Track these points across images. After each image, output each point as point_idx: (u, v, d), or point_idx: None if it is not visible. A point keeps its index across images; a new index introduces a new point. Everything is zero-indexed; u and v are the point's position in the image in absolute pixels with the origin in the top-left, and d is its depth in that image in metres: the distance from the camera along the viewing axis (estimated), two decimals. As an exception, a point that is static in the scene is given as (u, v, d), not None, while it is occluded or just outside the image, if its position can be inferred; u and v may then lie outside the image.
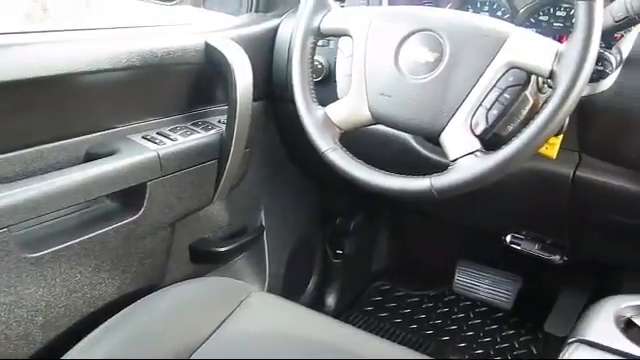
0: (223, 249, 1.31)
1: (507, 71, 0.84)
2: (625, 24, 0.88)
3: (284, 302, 1.02)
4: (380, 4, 1.17)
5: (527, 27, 1.15)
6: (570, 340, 0.62)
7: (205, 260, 1.30)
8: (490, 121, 0.86)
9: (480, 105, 0.85)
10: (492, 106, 0.85)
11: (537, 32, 1.08)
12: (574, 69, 0.77)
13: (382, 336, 1.07)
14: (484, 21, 0.90)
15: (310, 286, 1.66)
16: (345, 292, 1.73)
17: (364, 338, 0.93)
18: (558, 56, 0.80)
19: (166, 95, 1.15)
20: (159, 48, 1.07)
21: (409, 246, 1.83)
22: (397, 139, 1.15)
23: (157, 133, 1.11)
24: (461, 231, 1.63)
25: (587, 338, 0.62)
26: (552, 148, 0.99)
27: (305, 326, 0.95)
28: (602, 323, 0.64)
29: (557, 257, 1.21)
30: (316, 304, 1.67)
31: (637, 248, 1.10)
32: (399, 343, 0.93)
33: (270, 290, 1.44)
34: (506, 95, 0.85)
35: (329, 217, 1.65)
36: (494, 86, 0.85)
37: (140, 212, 1.05)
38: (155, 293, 0.98)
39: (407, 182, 0.88)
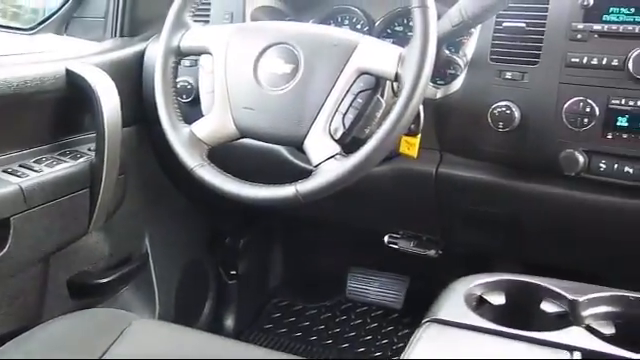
0: (105, 280, 1.27)
1: (358, 77, 0.89)
2: (462, 28, 0.95)
3: (170, 327, 1.00)
4: (243, 21, 1.20)
5: (384, 38, 1.22)
6: (424, 320, 0.66)
7: (86, 294, 1.25)
8: (347, 125, 0.90)
9: (336, 111, 0.89)
10: (347, 111, 0.89)
11: (394, 42, 1.16)
12: (415, 70, 0.83)
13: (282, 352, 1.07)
14: (334, 32, 0.95)
15: (206, 310, 1.64)
16: (243, 312, 1.72)
17: (256, 352, 0.93)
18: (401, 60, 0.85)
19: (27, 126, 1.11)
20: (14, 78, 1.03)
21: (303, 259, 1.85)
22: (270, 150, 1.17)
23: (20, 165, 1.07)
24: (350, 239, 1.68)
25: (438, 317, 0.66)
26: (412, 148, 1.04)
27: (194, 348, 0.94)
28: (453, 302, 0.69)
29: (433, 252, 1.28)
30: (214, 327, 1.64)
31: (500, 234, 1.18)
32: (300, 356, 0.93)
33: (162, 318, 1.40)
34: (359, 100, 0.90)
35: (219, 238, 1.64)
36: (347, 92, 0.89)
37: (5, 249, 1.00)
38: (24, 334, 0.93)
39: (274, 191, 0.90)
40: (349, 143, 0.92)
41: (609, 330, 0.69)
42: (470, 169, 1.10)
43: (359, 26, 1.25)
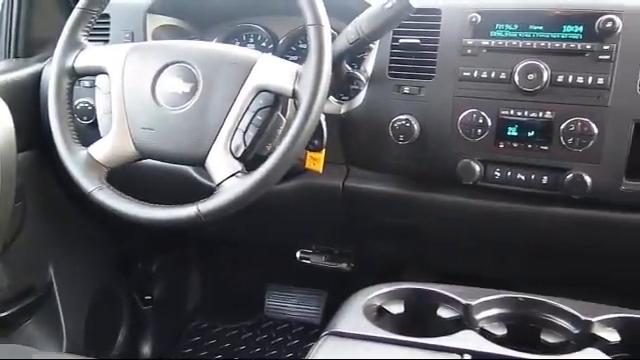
0: (4, 314, 1.20)
1: (257, 94, 0.89)
2: (359, 45, 0.97)
3: (74, 358, 0.96)
4: (145, 41, 1.18)
5: (289, 55, 1.23)
6: (322, 334, 0.67)
7: (-16, 329, 1.18)
8: (248, 143, 0.90)
9: (237, 129, 0.89)
10: (248, 128, 0.90)
11: (298, 59, 1.17)
12: (312, 87, 0.84)
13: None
14: (233, 50, 0.95)
15: (120, 338, 1.58)
16: (161, 338, 1.67)
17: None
18: (298, 76, 0.86)
19: None
20: None
21: (221, 279, 1.82)
22: (176, 170, 1.15)
23: None
24: (267, 256, 1.67)
25: (336, 330, 0.66)
26: (317, 163, 1.06)
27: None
28: (351, 314, 0.70)
29: (344, 265, 1.29)
30: (130, 355, 1.58)
31: (409, 244, 1.21)
32: None
33: (69, 351, 1.33)
34: (259, 117, 0.90)
35: (130, 263, 1.59)
36: (247, 109, 0.89)
37: None
38: None
39: (174, 211, 0.88)
40: (252, 160, 0.92)
41: (501, 331, 0.72)
42: (375, 182, 1.12)
43: (264, 44, 1.26)
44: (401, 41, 1.05)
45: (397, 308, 0.75)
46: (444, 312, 0.73)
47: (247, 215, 1.02)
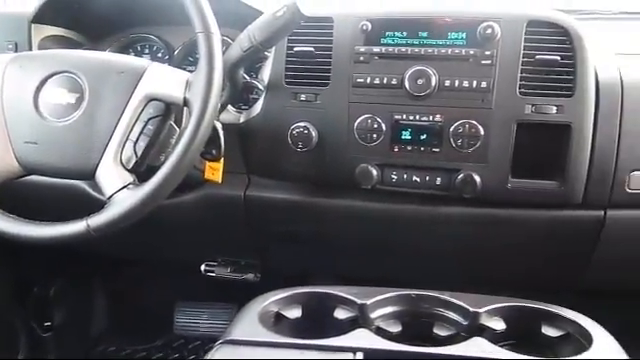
0: None
1: (147, 103, 0.87)
2: (253, 53, 0.97)
3: None
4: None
5: (186, 65, 1.21)
6: (217, 342, 0.65)
7: None
8: (139, 153, 0.87)
9: (127, 139, 0.86)
10: (138, 139, 0.87)
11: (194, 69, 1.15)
12: (203, 95, 0.83)
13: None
14: (120, 59, 0.92)
15: (18, 369, 1.48)
16: (64, 366, 1.58)
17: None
18: (189, 85, 0.85)
19: None
20: None
21: (127, 300, 1.75)
22: (68, 185, 1.10)
23: None
24: (174, 272, 1.62)
25: (231, 338, 0.65)
26: (217, 173, 1.04)
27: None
28: (247, 322, 0.69)
29: (251, 275, 1.28)
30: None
31: (314, 251, 1.21)
32: None
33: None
34: (150, 127, 0.88)
35: (25, 288, 1.50)
36: (137, 119, 0.87)
37: None
38: None
39: (62, 228, 0.84)
40: (145, 172, 0.89)
41: (396, 328, 0.73)
42: (276, 190, 1.12)
43: (160, 54, 1.24)
44: (296, 49, 1.06)
45: (294, 313, 0.75)
46: (341, 313, 0.74)
47: (148, 230, 0.99)
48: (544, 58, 0.97)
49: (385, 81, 1.02)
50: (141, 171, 0.89)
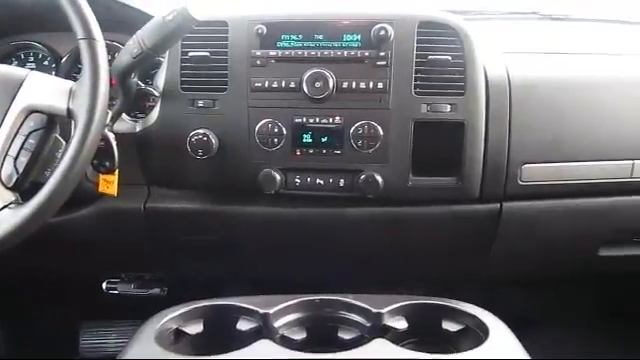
0: None
1: (27, 116, 0.81)
2: (143, 59, 0.93)
3: None
4: None
5: (74, 74, 1.14)
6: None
7: None
8: (21, 170, 0.82)
9: (6, 155, 0.80)
10: (19, 154, 0.81)
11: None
12: (88, 104, 0.78)
13: None
14: (-5, 69, 0.86)
15: None
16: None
17: None
18: (72, 94, 0.80)
19: None
20: None
21: (25, 324, 1.63)
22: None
23: None
24: (76, 291, 1.53)
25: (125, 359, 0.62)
26: (112, 186, 0.99)
27: None
28: (142, 342, 0.65)
29: (157, 290, 1.23)
30: None
31: (224, 259, 1.18)
32: None
33: None
34: (31, 141, 0.82)
35: None
36: (17, 133, 0.81)
37: None
38: None
39: None
40: (29, 189, 0.83)
41: (300, 336, 0.72)
42: (179, 200, 1.09)
43: (45, 63, 1.16)
44: (190, 54, 1.03)
45: (195, 328, 0.72)
46: (243, 324, 0.72)
47: (42, 248, 0.93)
48: (436, 58, 0.99)
49: (283, 85, 1.01)
50: (25, 189, 0.83)
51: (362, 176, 1.01)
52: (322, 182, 1.04)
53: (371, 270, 1.20)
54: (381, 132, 1.00)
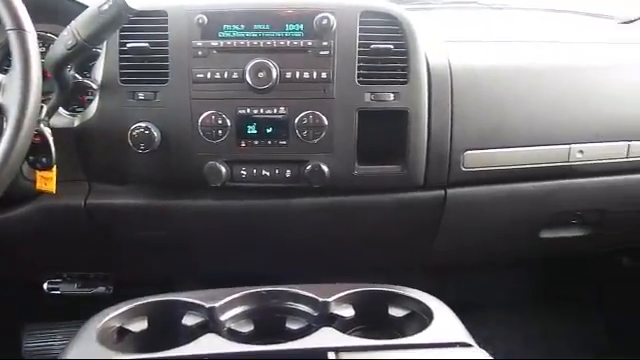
0: None
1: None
2: (78, 51, 0.90)
3: None
4: None
5: (5, 69, 1.09)
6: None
7: None
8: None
9: None
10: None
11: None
12: (19, 98, 0.75)
13: None
14: None
15: None
16: None
17: None
18: (2, 88, 0.77)
19: None
20: None
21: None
22: None
23: None
24: (17, 293, 1.48)
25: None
26: (50, 183, 0.96)
27: None
28: (83, 342, 0.64)
29: (103, 289, 1.20)
30: None
31: (172, 256, 1.16)
32: None
33: None
34: (-41, 138, 0.78)
35: None
36: None
37: None
38: None
39: None
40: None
41: (248, 328, 0.72)
42: (121, 195, 1.06)
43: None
44: (129, 45, 1.00)
45: (139, 325, 0.70)
46: (189, 319, 0.71)
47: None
48: (379, 47, 1.00)
49: (226, 75, 0.99)
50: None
51: (308, 166, 1.01)
52: (268, 173, 1.03)
53: (320, 260, 1.21)
54: (326, 122, 1.00)
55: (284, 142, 1.01)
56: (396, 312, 0.73)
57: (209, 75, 0.99)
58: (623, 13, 1.44)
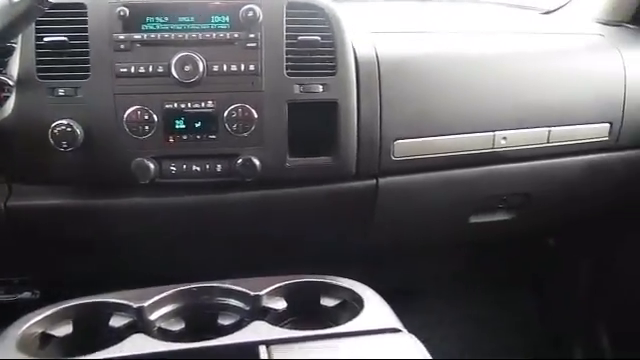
0: None
1: None
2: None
3: None
4: None
5: None
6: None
7: None
8: None
9: None
10: None
11: None
12: None
13: None
14: None
15: None
16: None
17: None
18: None
19: None
20: None
21: None
22: None
23: None
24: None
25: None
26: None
27: None
28: (2, 350, 0.61)
29: (28, 294, 1.15)
30: None
31: (100, 256, 1.12)
32: None
33: None
34: None
35: None
36: None
37: None
38: None
39: None
40: None
41: (178, 326, 0.71)
42: (45, 196, 1.02)
43: None
44: (46, 39, 0.96)
45: (64, 330, 0.68)
46: (116, 321, 0.69)
47: None
48: (306, 39, 1.00)
49: (151, 69, 0.97)
50: None
51: (239, 160, 1.00)
52: (199, 168, 1.01)
53: (255, 254, 1.20)
54: (255, 115, 0.99)
55: (214, 136, 1.00)
56: (328, 302, 0.74)
57: (133, 69, 0.97)
58: (544, 4, 1.50)
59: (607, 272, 1.52)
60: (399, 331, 0.66)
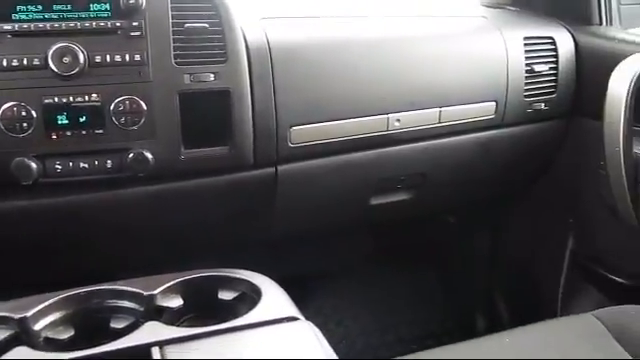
0: None
1: None
2: None
3: None
4: None
5: None
6: None
7: None
8: None
9: None
10: None
11: None
12: None
13: None
14: None
15: None
16: None
17: None
18: None
19: None
20: None
21: None
22: None
23: None
24: None
25: None
26: None
27: None
28: None
29: None
30: None
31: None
32: None
33: None
34: None
35: None
36: None
37: None
38: None
39: None
40: None
41: (67, 334, 0.67)
42: None
43: None
44: None
45: None
46: (-5, 336, 0.64)
47: None
48: (193, 26, 0.97)
49: (25, 62, 0.90)
50: None
51: (130, 154, 0.96)
52: (87, 165, 0.96)
53: (155, 251, 1.16)
54: (144, 106, 0.95)
55: (101, 131, 0.95)
56: (226, 295, 0.72)
57: (5, 63, 0.90)
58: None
59: (501, 244, 1.61)
60: (296, 319, 0.65)
